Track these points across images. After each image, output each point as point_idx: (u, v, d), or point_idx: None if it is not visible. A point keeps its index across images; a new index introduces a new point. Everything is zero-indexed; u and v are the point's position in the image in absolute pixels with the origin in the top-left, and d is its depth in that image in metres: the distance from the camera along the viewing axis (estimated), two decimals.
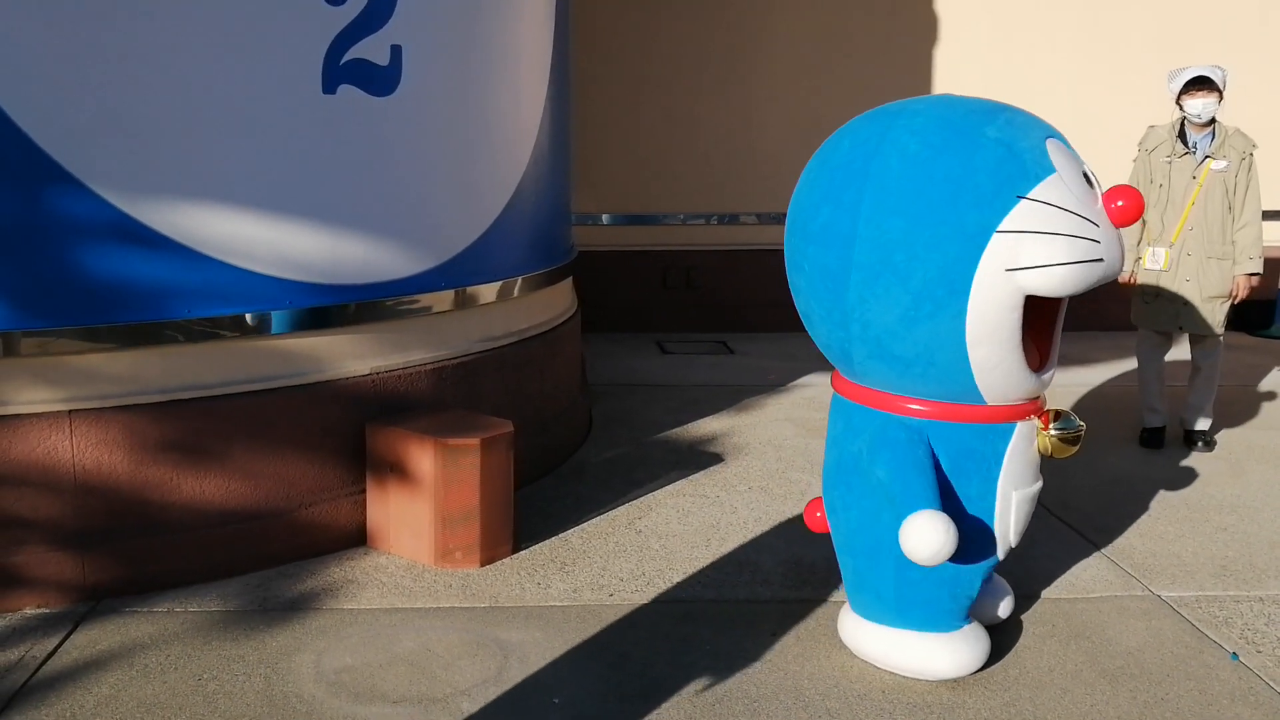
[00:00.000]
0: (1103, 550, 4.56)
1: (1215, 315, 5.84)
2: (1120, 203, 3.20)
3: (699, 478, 5.37)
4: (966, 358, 3.22)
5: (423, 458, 4.19)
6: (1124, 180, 5.96)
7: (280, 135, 4.10)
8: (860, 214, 3.23)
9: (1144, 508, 5.08)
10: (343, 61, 4.21)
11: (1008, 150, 3.17)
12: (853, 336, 3.37)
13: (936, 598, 3.48)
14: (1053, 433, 3.45)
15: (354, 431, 4.38)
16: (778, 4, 9.07)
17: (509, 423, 4.38)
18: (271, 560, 4.19)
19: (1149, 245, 5.87)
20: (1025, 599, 4.09)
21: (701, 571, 4.27)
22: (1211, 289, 5.78)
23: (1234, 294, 5.82)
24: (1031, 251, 3.10)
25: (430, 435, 4.19)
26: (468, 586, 4.08)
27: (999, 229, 3.10)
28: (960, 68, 9.19)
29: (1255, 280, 5.81)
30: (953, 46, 9.21)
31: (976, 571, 3.49)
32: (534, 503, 4.93)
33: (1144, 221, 5.85)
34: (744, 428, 6.22)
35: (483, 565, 4.24)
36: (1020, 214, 3.11)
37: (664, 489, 5.20)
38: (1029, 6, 9.22)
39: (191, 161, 3.91)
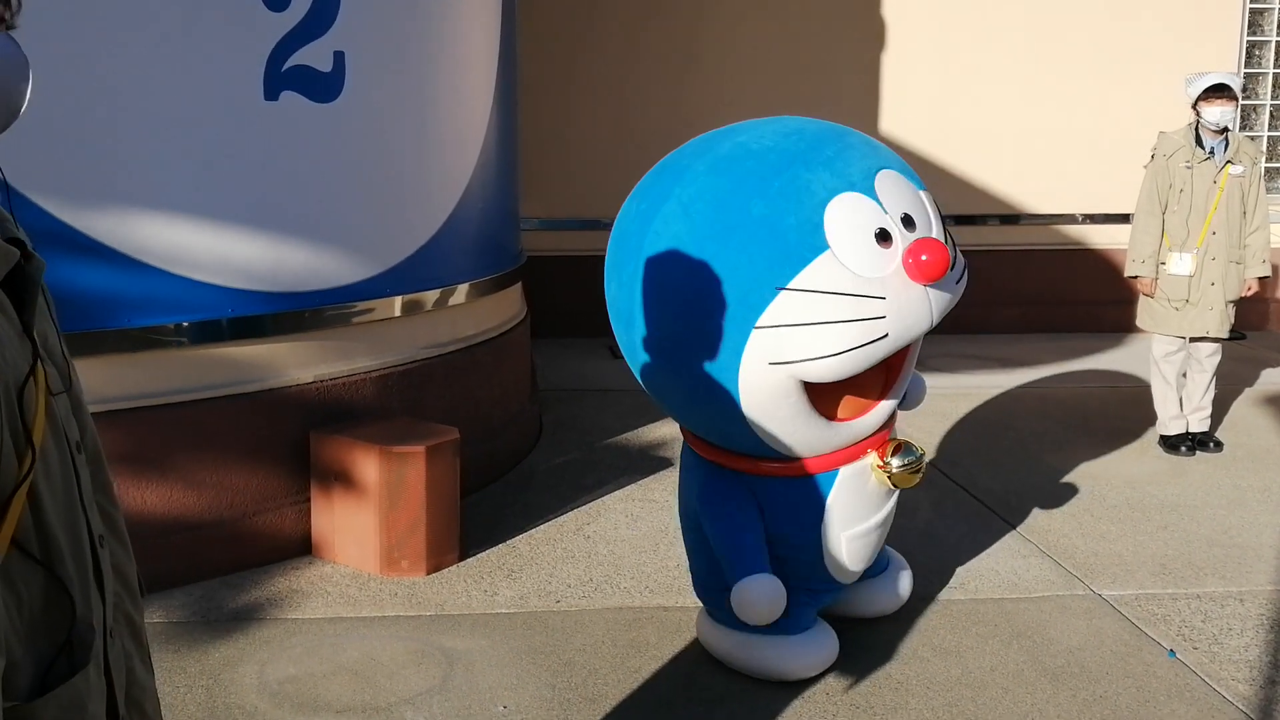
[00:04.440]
0: (1045, 550, 4.62)
1: (1231, 318, 5.96)
2: (924, 257, 3.00)
3: (648, 483, 5.38)
4: (754, 433, 3.19)
5: (368, 466, 4.17)
6: (1139, 186, 6.02)
7: (221, 142, 4.07)
8: (635, 297, 3.18)
9: (1086, 507, 5.15)
10: (285, 68, 4.18)
11: (770, 232, 3.00)
12: (656, 399, 3.44)
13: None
14: (894, 468, 3.35)
15: (298, 440, 4.34)
16: (727, 11, 9.10)
17: (455, 430, 4.37)
18: (215, 571, 4.15)
19: (1172, 251, 5.90)
20: (967, 599, 4.13)
21: (649, 577, 4.28)
22: (1232, 292, 5.90)
23: (1244, 296, 5.96)
24: (795, 345, 2.98)
25: (375, 443, 4.17)
26: (413, 595, 4.06)
27: (757, 325, 2.98)
28: (907, 72, 9.26)
29: (1262, 284, 5.99)
30: (900, 51, 9.29)
31: (819, 595, 3.55)
32: (482, 510, 4.91)
33: (1164, 227, 5.92)
34: None
35: (429, 573, 4.22)
36: (780, 307, 2.97)
37: (613, 494, 5.20)
38: (975, 14, 9.31)
39: (131, 169, 3.88)
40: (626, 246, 3.26)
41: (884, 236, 3.07)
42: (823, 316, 2.95)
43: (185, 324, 4.04)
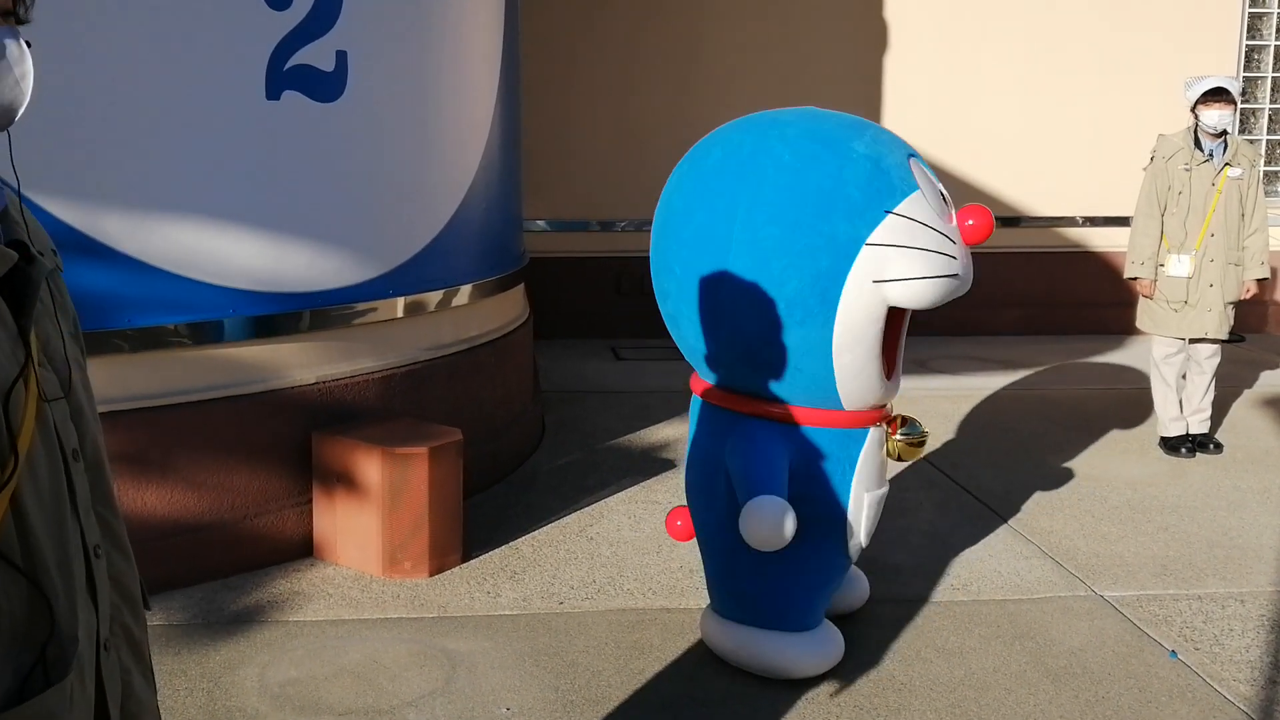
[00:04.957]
0: (1046, 551, 4.62)
1: (1230, 319, 5.97)
2: (971, 221, 3.34)
3: (651, 484, 5.38)
4: (831, 364, 3.32)
5: (370, 467, 4.17)
6: (1139, 188, 6.05)
7: (223, 142, 4.06)
8: (736, 220, 3.30)
9: (1087, 509, 5.15)
10: (287, 67, 4.18)
11: (875, 165, 3.28)
12: (723, 340, 3.44)
13: (792, 598, 3.53)
14: (898, 438, 3.58)
15: (300, 441, 4.34)
16: (729, 12, 9.10)
17: (458, 431, 4.36)
18: (216, 573, 4.14)
19: (1170, 253, 5.92)
20: (970, 600, 4.13)
21: (652, 578, 4.27)
22: (1230, 294, 5.91)
23: (1243, 298, 5.97)
24: (897, 265, 3.22)
25: (378, 444, 4.16)
26: (416, 597, 4.06)
27: (868, 241, 3.21)
28: (908, 75, 9.27)
29: (1261, 286, 6.01)
30: (901, 54, 9.29)
31: (833, 573, 3.58)
32: (484, 511, 4.91)
33: (1162, 229, 5.94)
34: None
35: (431, 575, 4.21)
36: (888, 228, 3.22)
37: (616, 496, 5.20)
38: (976, 17, 9.31)
39: (131, 169, 3.87)
40: (719, 180, 3.39)
41: (943, 197, 3.41)
42: (919, 243, 3.23)
43: (186, 324, 4.03)
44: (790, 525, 3.22)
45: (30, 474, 1.41)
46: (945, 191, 3.48)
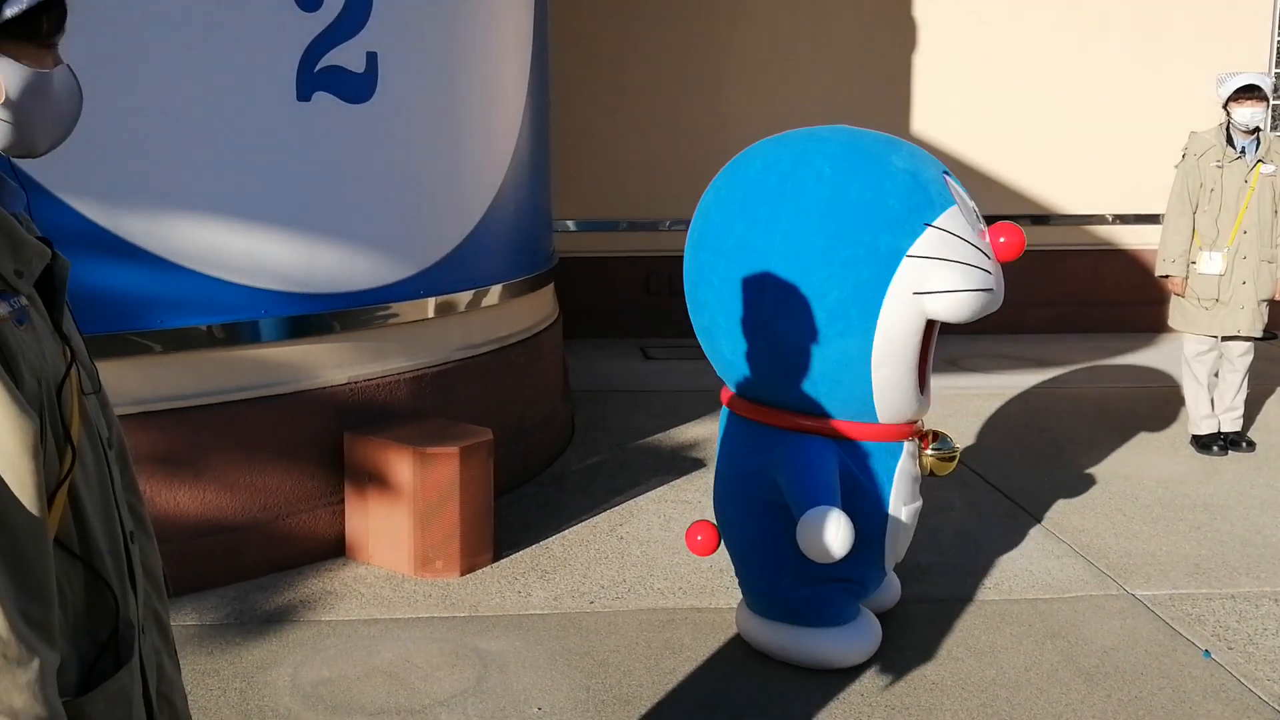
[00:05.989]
0: (1078, 549, 4.59)
1: (1264, 317, 5.92)
2: (1003, 238, 3.37)
3: (681, 483, 5.38)
4: (870, 377, 3.34)
5: (402, 467, 4.19)
6: (1169, 186, 6.01)
7: (254, 143, 4.09)
8: (777, 231, 3.31)
9: (1118, 507, 5.11)
10: (317, 68, 4.21)
11: (914, 179, 3.31)
12: (761, 352, 3.42)
13: (830, 604, 3.55)
14: (930, 453, 3.62)
15: (332, 441, 4.37)
16: (758, 12, 9.09)
17: (488, 431, 4.38)
18: (248, 573, 4.18)
19: (1202, 250, 5.87)
20: (1002, 599, 4.12)
21: (683, 578, 4.28)
22: (1265, 291, 5.86)
23: (1277, 296, 5.91)
24: (937, 277, 3.25)
25: (409, 444, 4.19)
26: (448, 596, 4.08)
27: (909, 253, 3.24)
28: (938, 74, 9.23)
29: None
30: (932, 53, 9.25)
31: (869, 583, 3.60)
32: (515, 510, 4.93)
33: (1194, 227, 5.89)
34: None
35: (463, 574, 4.23)
36: (927, 240, 3.25)
37: (645, 495, 5.20)
38: (1006, 14, 9.26)
39: (163, 171, 3.90)
40: (760, 191, 3.40)
41: (975, 214, 3.44)
42: (957, 256, 3.26)
43: (218, 325, 4.06)
44: (848, 536, 3.18)
45: (80, 465, 1.46)
46: (976, 208, 3.50)
